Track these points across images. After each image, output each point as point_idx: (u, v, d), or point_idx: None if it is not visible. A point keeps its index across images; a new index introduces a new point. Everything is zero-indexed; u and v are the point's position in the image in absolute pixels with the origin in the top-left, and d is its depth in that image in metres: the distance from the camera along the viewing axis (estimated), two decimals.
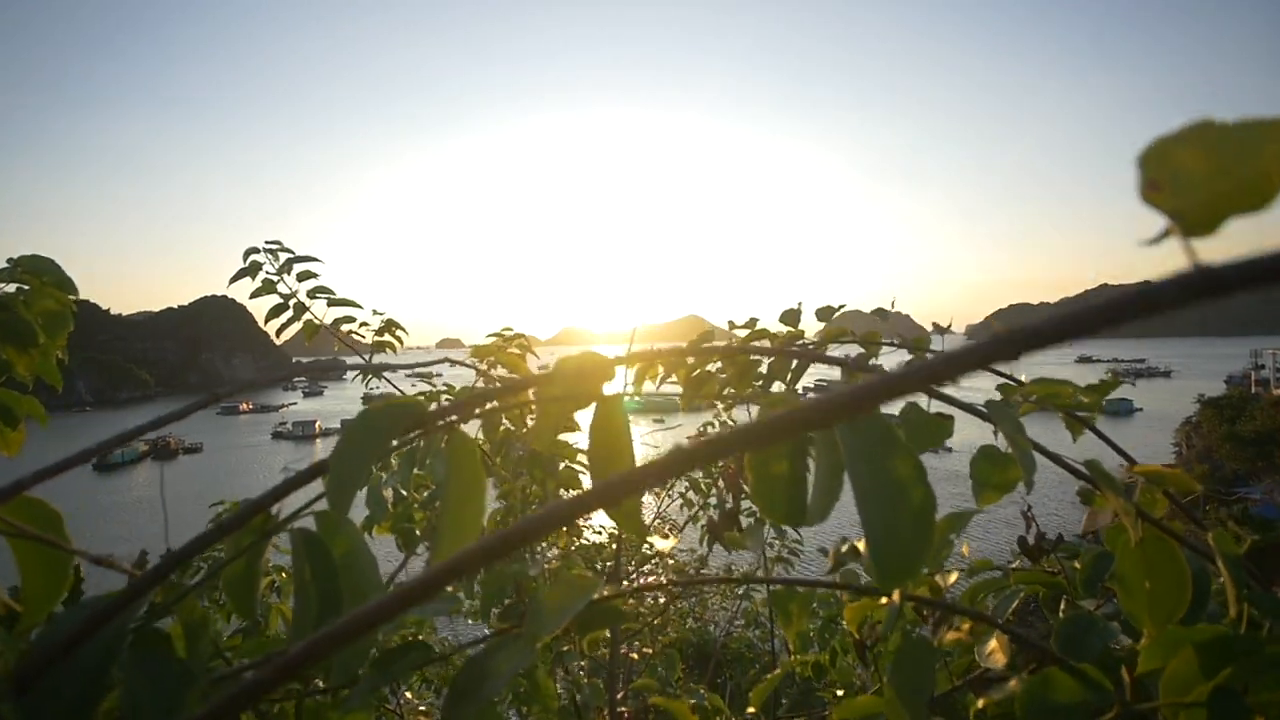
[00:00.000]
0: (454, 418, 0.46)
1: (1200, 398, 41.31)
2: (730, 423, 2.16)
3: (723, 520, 0.80)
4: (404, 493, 1.17)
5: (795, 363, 1.12)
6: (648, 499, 3.20)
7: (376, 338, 1.49)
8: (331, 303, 1.48)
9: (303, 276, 1.45)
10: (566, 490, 1.36)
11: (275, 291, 1.46)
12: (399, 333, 1.51)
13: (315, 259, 1.44)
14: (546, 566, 1.55)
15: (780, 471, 0.49)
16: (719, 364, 1.40)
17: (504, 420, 1.15)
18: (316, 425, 77.41)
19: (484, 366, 1.20)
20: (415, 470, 0.94)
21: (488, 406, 0.47)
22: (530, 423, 1.39)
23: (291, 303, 1.47)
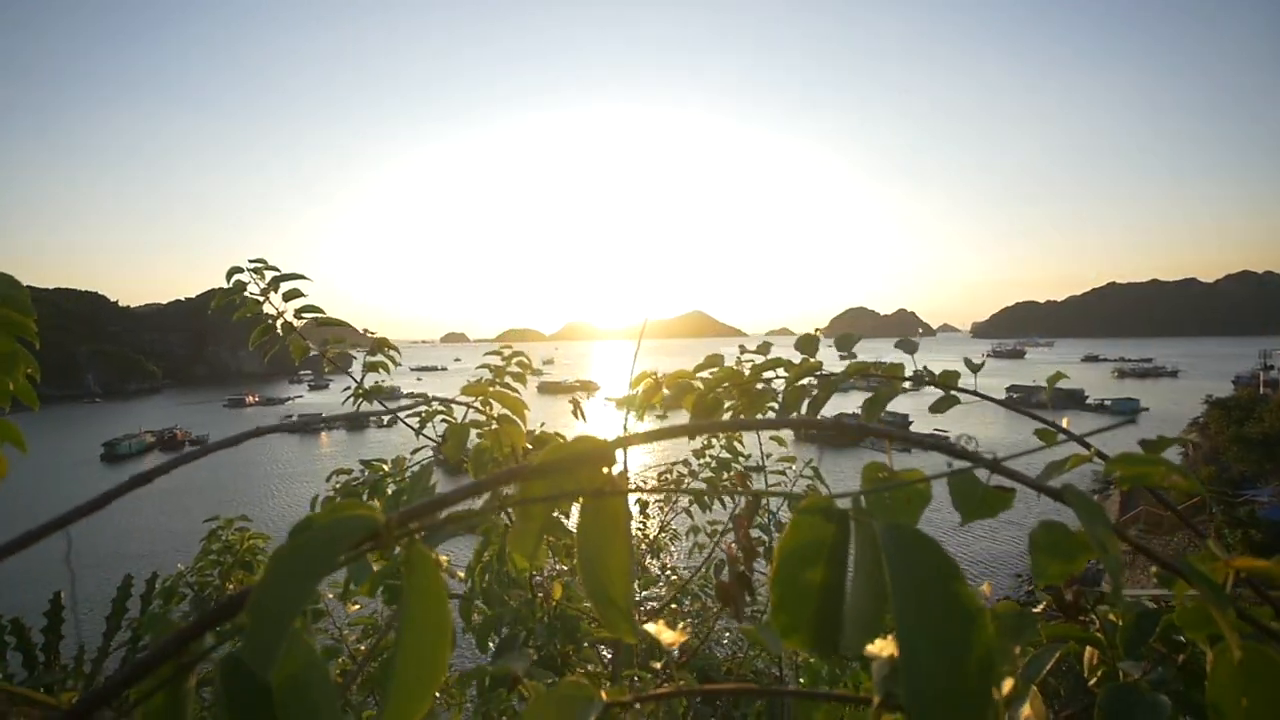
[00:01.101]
0: (415, 526, 0.38)
1: (1208, 398, 41.01)
2: (739, 444, 2.07)
3: (734, 584, 0.72)
4: None
5: (815, 393, 1.04)
6: (652, 514, 3.11)
7: (369, 358, 1.42)
8: (321, 323, 1.40)
9: (289, 296, 1.38)
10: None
11: (260, 312, 1.38)
12: (391, 353, 1.44)
13: (303, 276, 1.36)
14: (541, 597, 1.47)
15: (812, 580, 0.41)
16: (721, 381, 1.32)
17: (494, 457, 1.07)
18: (321, 419, 77.80)
19: (479, 404, 1.11)
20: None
21: (460, 508, 0.39)
22: (523, 442, 1.30)
23: (279, 323, 1.39)
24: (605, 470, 0.44)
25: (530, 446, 1.29)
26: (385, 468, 1.41)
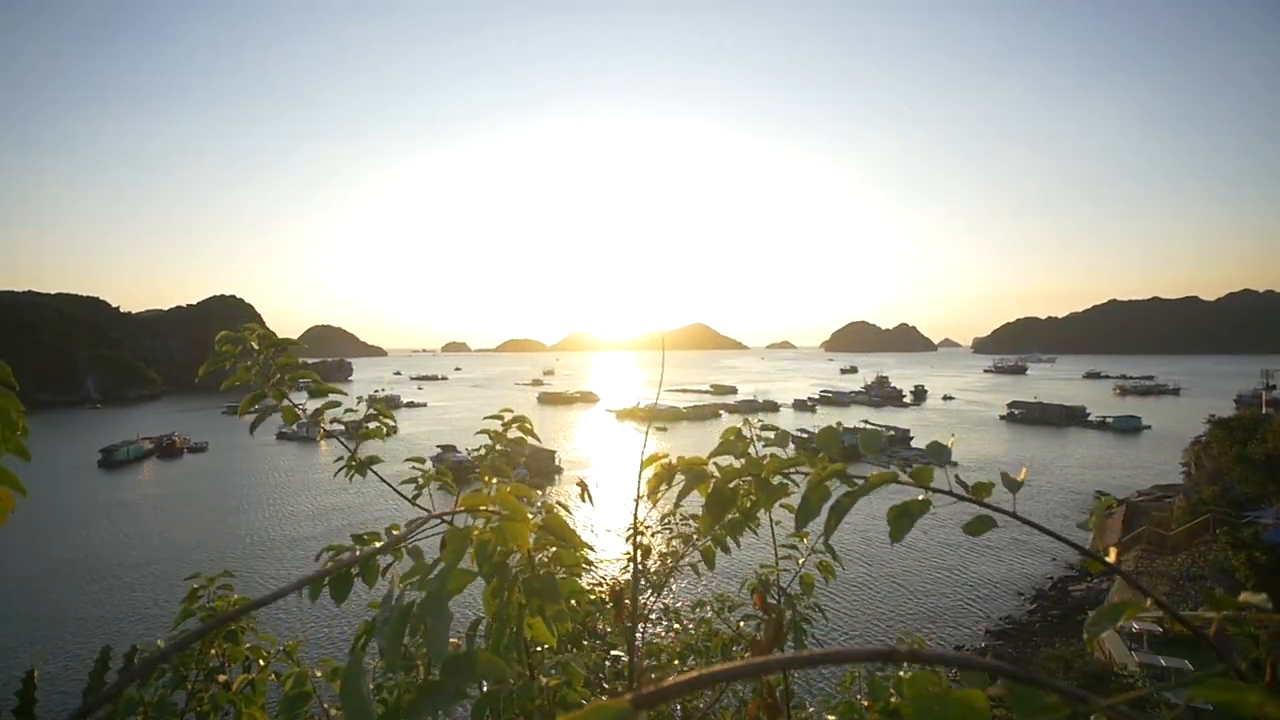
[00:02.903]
0: None
1: (1210, 417, 40.84)
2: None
3: None
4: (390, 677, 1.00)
5: (834, 500, 0.97)
6: (655, 529, 3.04)
7: (365, 425, 1.36)
8: (313, 391, 1.34)
9: (283, 364, 1.32)
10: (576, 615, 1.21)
11: (250, 380, 1.33)
12: (388, 420, 1.38)
13: (294, 342, 1.31)
14: (545, 681, 1.39)
15: None
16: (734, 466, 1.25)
17: (498, 549, 1.00)
18: (320, 426, 77.60)
19: (482, 507, 1.04)
20: (406, 640, 0.77)
21: None
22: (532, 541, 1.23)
23: (270, 391, 1.33)
24: None
25: (535, 535, 1.22)
26: (379, 542, 1.35)
